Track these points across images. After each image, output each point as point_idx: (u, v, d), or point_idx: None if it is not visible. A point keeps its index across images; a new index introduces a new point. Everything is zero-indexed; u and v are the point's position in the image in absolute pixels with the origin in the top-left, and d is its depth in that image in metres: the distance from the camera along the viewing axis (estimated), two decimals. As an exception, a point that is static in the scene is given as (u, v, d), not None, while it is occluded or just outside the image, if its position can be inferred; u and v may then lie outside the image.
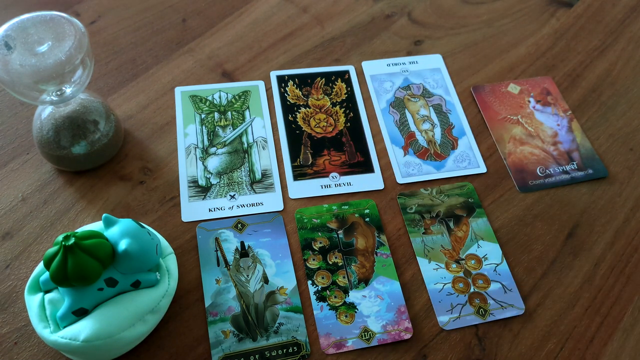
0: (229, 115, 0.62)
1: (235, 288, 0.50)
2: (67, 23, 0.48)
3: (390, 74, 0.67)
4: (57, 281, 0.40)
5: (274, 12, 0.72)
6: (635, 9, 0.77)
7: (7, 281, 0.49)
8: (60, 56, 0.46)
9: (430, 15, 0.74)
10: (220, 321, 0.48)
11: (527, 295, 0.51)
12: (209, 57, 0.67)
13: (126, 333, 0.42)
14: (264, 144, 0.60)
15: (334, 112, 0.63)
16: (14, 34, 0.47)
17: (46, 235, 0.52)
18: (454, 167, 0.60)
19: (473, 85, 0.67)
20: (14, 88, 0.46)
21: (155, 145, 0.59)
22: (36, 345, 0.46)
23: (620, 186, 0.59)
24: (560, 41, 0.72)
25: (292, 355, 0.47)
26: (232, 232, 0.53)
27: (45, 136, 0.53)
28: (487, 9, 0.75)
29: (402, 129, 0.62)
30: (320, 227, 0.54)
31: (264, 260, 0.52)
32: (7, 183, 0.55)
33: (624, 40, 0.73)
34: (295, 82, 0.65)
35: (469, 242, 0.54)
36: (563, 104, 0.66)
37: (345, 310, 0.49)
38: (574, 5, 0.77)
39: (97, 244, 0.41)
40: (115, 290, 0.43)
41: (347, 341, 0.48)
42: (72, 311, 0.42)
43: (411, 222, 0.55)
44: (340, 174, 0.58)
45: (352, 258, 0.52)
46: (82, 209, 0.54)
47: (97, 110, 0.55)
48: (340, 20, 0.72)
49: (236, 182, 0.57)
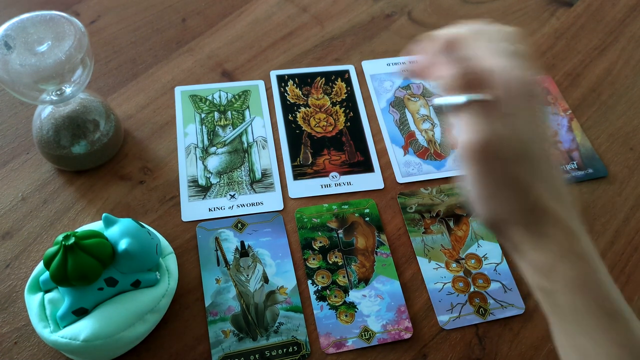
0: (228, 115, 0.62)
1: (235, 288, 0.50)
2: (67, 23, 0.48)
3: (390, 74, 0.67)
4: (57, 281, 0.40)
5: (274, 12, 0.72)
6: (635, 9, 0.77)
7: (7, 281, 0.49)
8: (60, 56, 0.46)
9: (430, 15, 0.74)
10: (220, 321, 0.48)
11: (527, 295, 0.51)
12: (209, 57, 0.67)
13: (126, 333, 0.42)
14: (264, 144, 0.60)
15: (334, 112, 0.63)
16: (13, 33, 0.46)
17: (46, 235, 0.52)
18: (454, 166, 0.60)
19: (473, 85, 0.67)
20: (13, 88, 0.46)
21: (155, 144, 0.59)
22: (36, 345, 0.46)
23: (620, 186, 0.59)
24: (560, 41, 0.72)
25: (292, 354, 0.47)
26: (232, 231, 0.53)
27: (45, 136, 0.53)
28: (487, 9, 0.75)
29: (402, 129, 0.62)
30: (320, 227, 0.54)
31: (264, 259, 0.52)
32: (7, 183, 0.55)
33: (623, 39, 0.73)
34: (295, 81, 0.65)
35: (469, 242, 0.54)
36: (563, 104, 0.66)
37: (345, 309, 0.49)
38: (574, 4, 0.77)
39: (97, 244, 0.41)
40: (115, 289, 0.43)
41: (347, 341, 0.48)
42: (72, 311, 0.42)
43: (411, 221, 0.55)
44: (340, 174, 0.58)
45: (352, 257, 0.52)
46: (82, 208, 0.54)
47: (97, 110, 0.55)
48: (340, 19, 0.72)
49: (236, 181, 0.57)
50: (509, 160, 0.33)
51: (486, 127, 0.33)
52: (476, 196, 0.36)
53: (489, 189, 0.35)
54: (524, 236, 0.35)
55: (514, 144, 0.33)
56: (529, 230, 0.34)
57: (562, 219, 0.34)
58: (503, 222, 0.36)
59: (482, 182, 0.35)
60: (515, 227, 0.35)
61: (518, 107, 0.34)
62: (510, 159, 0.33)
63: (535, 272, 0.35)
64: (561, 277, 0.33)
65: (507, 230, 0.36)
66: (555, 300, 0.34)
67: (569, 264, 0.33)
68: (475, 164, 0.34)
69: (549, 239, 0.34)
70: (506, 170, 0.34)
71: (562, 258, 0.33)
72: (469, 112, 0.34)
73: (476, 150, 0.34)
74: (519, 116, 0.34)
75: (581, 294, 0.33)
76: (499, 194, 0.35)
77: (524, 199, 0.34)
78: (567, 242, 0.34)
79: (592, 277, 0.33)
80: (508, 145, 0.33)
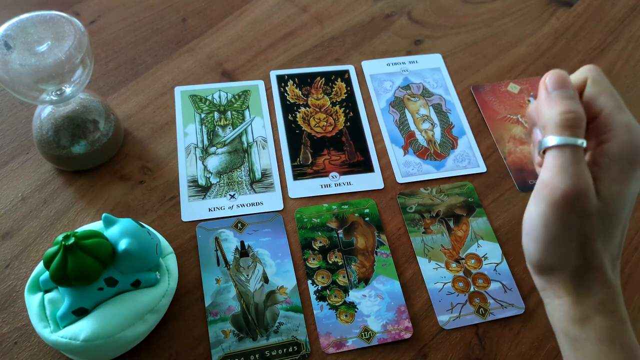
0: (228, 115, 0.62)
1: (235, 288, 0.50)
2: (66, 23, 0.48)
3: (390, 74, 0.67)
4: (57, 281, 0.40)
5: (274, 12, 0.72)
6: (634, 9, 0.77)
7: (7, 281, 0.49)
8: (60, 56, 0.46)
9: (430, 15, 0.74)
10: (220, 321, 0.48)
11: (527, 295, 0.51)
12: (209, 57, 0.67)
13: (126, 332, 0.42)
14: (264, 144, 0.60)
15: (334, 112, 0.63)
16: (13, 33, 0.46)
17: (46, 234, 0.52)
18: (454, 166, 0.60)
19: (473, 85, 0.67)
20: (13, 88, 0.46)
21: (155, 144, 0.59)
22: (36, 344, 0.46)
23: (620, 185, 0.59)
24: (560, 41, 0.72)
25: (292, 354, 0.47)
26: (232, 231, 0.53)
27: (45, 136, 0.53)
28: (487, 9, 0.75)
29: (402, 129, 0.62)
30: (320, 227, 0.54)
31: (263, 259, 0.52)
32: (6, 183, 0.55)
33: (623, 39, 0.73)
34: (295, 81, 0.65)
35: (468, 242, 0.54)
36: (563, 104, 0.66)
37: (345, 309, 0.49)
38: (573, 4, 0.77)
39: (97, 244, 0.41)
40: (115, 289, 0.43)
41: (347, 341, 0.48)
42: (72, 311, 0.42)
43: (411, 221, 0.55)
44: (340, 174, 0.58)
45: (352, 257, 0.52)
46: (81, 208, 0.53)
47: (96, 110, 0.55)
48: (340, 19, 0.72)
49: (236, 181, 0.57)
50: (586, 215, 0.32)
51: (581, 176, 0.32)
52: (534, 237, 0.35)
53: (552, 235, 0.34)
54: (567, 286, 0.34)
55: (600, 204, 0.33)
56: (574, 281, 0.34)
57: (609, 278, 0.34)
58: (551, 267, 0.35)
59: (548, 227, 0.33)
60: (561, 274, 0.34)
61: (625, 167, 0.33)
62: (588, 215, 0.33)
63: (565, 318, 0.35)
64: (593, 328, 0.33)
65: (552, 275, 0.35)
66: (582, 348, 0.34)
67: (603, 317, 0.33)
68: (550, 208, 0.33)
69: (592, 293, 0.34)
70: (579, 223, 0.33)
71: (597, 311, 0.34)
72: (565, 154, 0.32)
73: (559, 197, 0.32)
74: (622, 175, 0.33)
75: (609, 346, 0.33)
76: (560, 243, 0.34)
77: (583, 253, 0.34)
78: (608, 299, 0.34)
79: (622, 331, 0.34)
80: (594, 202, 0.32)
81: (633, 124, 0.33)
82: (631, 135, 0.33)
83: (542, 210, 0.33)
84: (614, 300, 0.34)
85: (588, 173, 0.33)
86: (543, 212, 0.33)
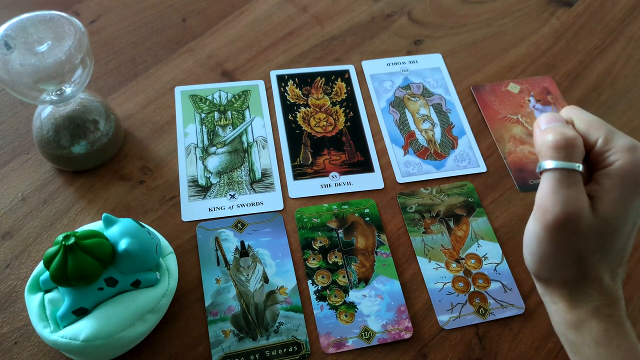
0: (228, 115, 0.62)
1: (235, 287, 0.50)
2: (66, 23, 0.48)
3: (390, 74, 0.67)
4: (57, 281, 0.40)
5: (274, 12, 0.72)
6: (635, 9, 0.77)
7: (7, 281, 0.49)
8: (60, 56, 0.46)
9: (430, 15, 0.74)
10: (220, 321, 0.48)
11: (527, 295, 0.51)
12: (209, 57, 0.67)
13: (126, 332, 0.42)
14: (264, 144, 0.60)
15: (334, 112, 0.63)
16: (13, 33, 0.46)
17: (46, 234, 0.52)
18: (454, 166, 0.60)
19: (473, 85, 0.67)
20: (13, 88, 0.46)
21: (155, 144, 0.59)
22: (36, 344, 0.46)
23: (620, 185, 0.59)
24: (560, 40, 0.72)
25: (292, 354, 0.47)
26: (232, 231, 0.53)
27: (45, 136, 0.53)
28: (487, 9, 0.75)
29: (402, 129, 0.62)
30: (320, 227, 0.54)
31: (264, 259, 0.52)
32: (7, 183, 0.55)
33: (623, 39, 0.73)
34: (295, 81, 0.65)
35: (469, 242, 0.54)
36: (563, 104, 0.66)
37: (345, 309, 0.49)
38: (573, 4, 0.77)
39: (97, 244, 0.41)
40: (115, 289, 0.43)
41: (347, 340, 0.48)
42: (72, 311, 0.42)
43: (411, 221, 0.55)
44: (340, 174, 0.58)
45: (352, 257, 0.52)
46: (82, 208, 0.54)
47: (97, 110, 0.55)
48: (340, 19, 0.72)
49: (236, 181, 0.57)
50: (579, 235, 0.34)
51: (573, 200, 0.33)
52: (531, 251, 0.36)
53: (545, 252, 0.35)
54: (563, 293, 0.36)
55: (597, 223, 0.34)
56: (570, 290, 0.35)
57: (607, 286, 0.35)
58: (547, 278, 0.37)
59: (541, 245, 0.35)
60: (556, 284, 0.36)
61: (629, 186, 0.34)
62: (582, 234, 0.34)
63: (562, 322, 0.36)
64: (589, 332, 0.35)
65: (548, 284, 0.37)
66: (580, 352, 0.35)
67: (599, 321, 0.34)
68: (542, 229, 0.34)
69: (588, 300, 0.35)
70: (573, 242, 0.34)
71: (593, 316, 0.35)
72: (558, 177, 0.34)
73: (550, 220, 0.34)
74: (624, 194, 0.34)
75: (606, 347, 0.34)
76: (553, 259, 0.35)
77: (578, 267, 0.35)
78: (604, 305, 0.35)
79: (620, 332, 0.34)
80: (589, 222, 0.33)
81: (635, 144, 0.34)
82: (636, 154, 0.34)
83: (537, 229, 0.35)
84: (611, 305, 0.35)
85: (582, 195, 0.34)
86: (537, 232, 0.35)
